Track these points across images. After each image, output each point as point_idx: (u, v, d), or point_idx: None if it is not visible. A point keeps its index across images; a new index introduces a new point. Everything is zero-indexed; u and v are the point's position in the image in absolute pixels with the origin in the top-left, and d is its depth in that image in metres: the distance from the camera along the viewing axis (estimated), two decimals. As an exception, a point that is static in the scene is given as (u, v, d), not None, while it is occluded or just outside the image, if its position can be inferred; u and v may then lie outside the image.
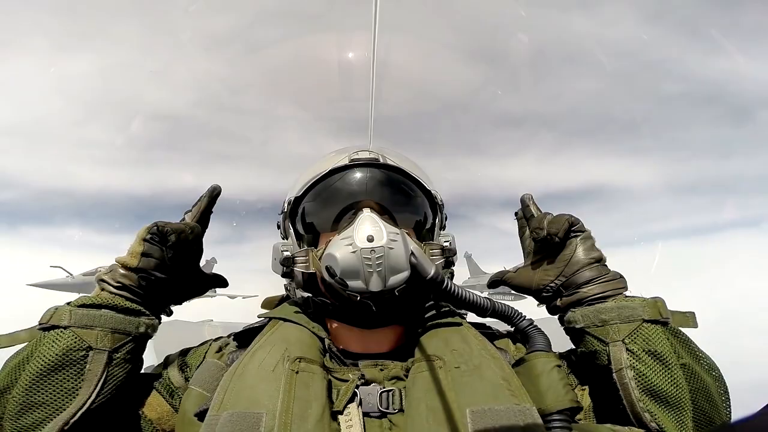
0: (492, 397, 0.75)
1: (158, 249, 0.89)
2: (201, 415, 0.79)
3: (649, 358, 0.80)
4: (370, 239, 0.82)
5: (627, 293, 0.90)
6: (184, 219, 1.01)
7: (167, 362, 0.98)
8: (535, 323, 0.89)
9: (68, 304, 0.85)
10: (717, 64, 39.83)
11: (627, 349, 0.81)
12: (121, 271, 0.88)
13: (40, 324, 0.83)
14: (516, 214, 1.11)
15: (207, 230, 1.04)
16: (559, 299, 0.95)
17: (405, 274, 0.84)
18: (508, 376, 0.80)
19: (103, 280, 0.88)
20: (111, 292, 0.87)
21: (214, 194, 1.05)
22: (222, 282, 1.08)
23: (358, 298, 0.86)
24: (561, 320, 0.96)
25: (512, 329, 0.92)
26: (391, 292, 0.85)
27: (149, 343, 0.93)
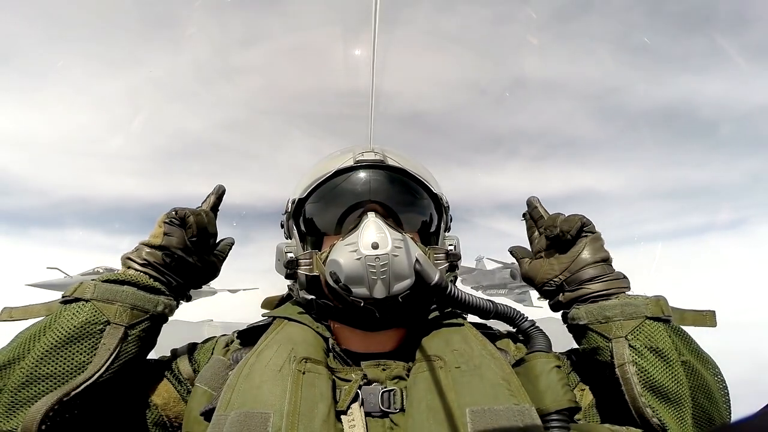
0: (492, 397, 0.75)
1: (178, 230, 0.96)
2: (206, 414, 0.79)
3: (651, 354, 0.81)
4: (375, 246, 0.81)
5: (629, 292, 0.92)
6: None
7: (175, 354, 0.99)
8: (536, 324, 0.89)
9: (94, 279, 0.87)
10: (687, 86, 41.22)
11: (629, 345, 0.83)
12: (147, 249, 0.93)
13: (63, 297, 0.85)
14: (524, 215, 1.13)
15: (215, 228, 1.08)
16: (561, 294, 0.97)
17: (409, 281, 0.84)
18: (508, 377, 0.80)
19: (129, 259, 0.93)
20: (137, 270, 0.91)
21: (219, 193, 1.12)
22: (229, 243, 1.13)
23: (362, 304, 0.86)
24: (564, 317, 0.97)
25: (513, 330, 0.93)
26: (395, 299, 0.86)
27: None
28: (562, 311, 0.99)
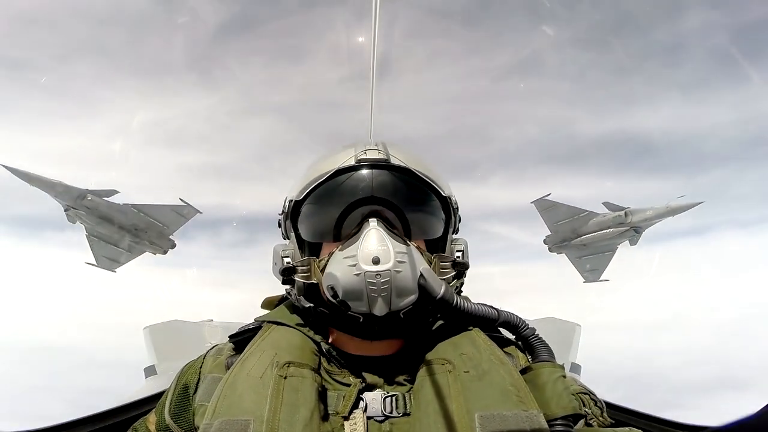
0: (500, 403, 0.74)
1: None
2: None
3: None
4: (376, 261, 0.77)
5: None
6: None
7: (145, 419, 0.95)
8: (538, 334, 0.88)
9: None
10: (633, 117, 38.75)
11: None
12: None
13: None
14: None
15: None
16: None
17: (412, 297, 0.81)
18: (516, 382, 0.78)
19: None
20: None
21: None
22: None
23: (361, 319, 0.83)
24: None
25: (514, 337, 0.91)
26: (396, 314, 0.82)
27: (148, 341, 0.91)
28: None
